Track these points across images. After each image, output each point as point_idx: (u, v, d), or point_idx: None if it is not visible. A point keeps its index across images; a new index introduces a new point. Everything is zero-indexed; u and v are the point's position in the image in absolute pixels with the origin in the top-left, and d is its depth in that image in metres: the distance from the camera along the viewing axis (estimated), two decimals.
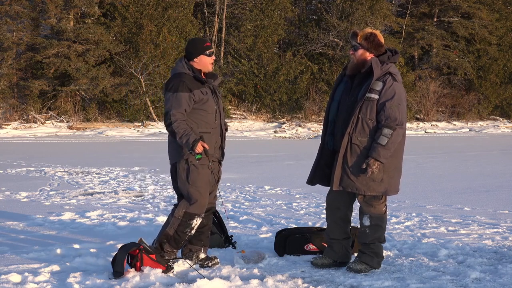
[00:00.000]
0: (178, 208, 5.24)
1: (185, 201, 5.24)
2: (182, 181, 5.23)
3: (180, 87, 5.11)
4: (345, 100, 5.24)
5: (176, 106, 5.09)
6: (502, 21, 39.08)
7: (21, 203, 8.85)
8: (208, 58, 5.30)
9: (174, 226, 5.22)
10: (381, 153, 5.02)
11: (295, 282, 4.85)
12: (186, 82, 5.14)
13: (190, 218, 5.21)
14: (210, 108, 5.24)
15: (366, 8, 34.59)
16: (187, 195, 5.23)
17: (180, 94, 5.09)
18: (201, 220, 5.29)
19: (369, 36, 5.17)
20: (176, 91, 5.11)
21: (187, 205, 5.21)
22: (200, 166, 5.18)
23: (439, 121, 36.66)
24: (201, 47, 5.29)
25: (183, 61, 5.28)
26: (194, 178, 5.17)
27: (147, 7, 31.14)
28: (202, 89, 5.21)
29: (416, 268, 5.29)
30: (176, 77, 5.20)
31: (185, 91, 5.10)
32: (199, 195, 5.20)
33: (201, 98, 5.18)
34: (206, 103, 5.21)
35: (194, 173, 5.17)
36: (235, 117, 33.44)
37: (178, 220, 5.21)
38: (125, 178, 11.84)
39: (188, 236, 5.25)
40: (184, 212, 5.20)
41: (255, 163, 15.53)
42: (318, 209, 8.28)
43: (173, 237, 5.22)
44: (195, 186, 5.18)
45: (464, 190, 10.34)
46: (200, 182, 5.19)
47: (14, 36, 30.18)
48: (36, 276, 4.93)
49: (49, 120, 30.30)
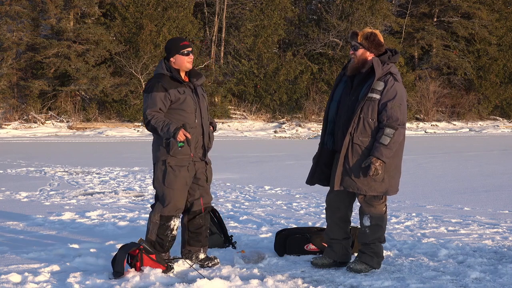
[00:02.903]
0: (154, 212, 5.25)
1: (159, 203, 5.24)
2: (158, 182, 5.23)
3: (155, 88, 5.13)
4: (345, 100, 5.24)
5: (151, 106, 5.12)
6: (502, 21, 39.09)
7: (21, 203, 8.85)
8: (184, 57, 5.23)
9: (154, 231, 5.23)
10: (383, 152, 5.02)
11: (295, 282, 4.84)
12: (162, 82, 5.15)
13: (167, 221, 5.22)
14: (188, 108, 5.21)
15: (366, 8, 34.60)
16: (161, 196, 5.23)
17: (155, 93, 5.11)
18: (179, 220, 5.30)
19: (369, 35, 5.17)
20: (151, 91, 5.14)
21: (161, 208, 5.21)
22: (177, 168, 5.17)
23: (439, 121, 36.68)
24: (176, 46, 5.24)
25: (163, 62, 5.28)
26: (170, 180, 5.17)
27: (147, 7, 31.14)
28: (179, 89, 5.18)
29: (416, 268, 5.29)
30: (154, 78, 5.24)
31: (160, 91, 5.12)
32: (174, 197, 5.19)
33: (177, 98, 5.16)
34: (184, 103, 5.19)
35: (170, 175, 5.17)
36: (235, 117, 33.44)
37: (157, 225, 5.22)
38: (125, 178, 11.84)
39: (170, 237, 5.26)
40: (159, 216, 5.22)
41: (255, 163, 15.53)
42: (318, 209, 8.27)
43: (157, 242, 5.22)
44: (170, 188, 5.17)
45: (464, 190, 10.34)
46: (176, 184, 5.18)
47: (14, 36, 30.17)
48: (36, 276, 4.92)
49: (49, 120, 30.30)
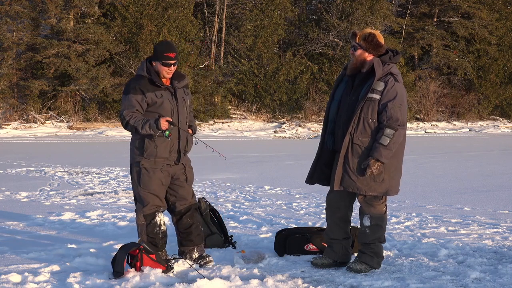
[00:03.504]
0: (137, 215, 5.34)
1: (139, 204, 5.32)
2: (134, 184, 5.32)
3: (132, 90, 5.16)
4: (346, 100, 5.24)
5: (128, 107, 5.17)
6: (502, 21, 39.08)
7: (21, 203, 8.85)
8: (164, 68, 5.20)
9: (144, 232, 5.30)
10: (382, 153, 5.03)
11: (295, 282, 4.84)
12: (140, 84, 5.16)
13: (152, 218, 5.30)
14: (165, 112, 5.20)
15: (366, 8, 34.59)
16: (139, 197, 5.31)
17: (132, 95, 5.15)
18: (162, 214, 5.36)
19: (367, 36, 5.17)
20: (128, 93, 5.18)
21: (141, 208, 5.29)
22: (152, 170, 5.23)
23: (439, 121, 36.66)
24: (161, 55, 5.18)
25: (145, 63, 5.27)
26: (145, 181, 5.23)
27: (147, 7, 31.13)
28: (157, 92, 5.19)
29: (416, 268, 5.29)
30: (132, 80, 5.27)
31: (138, 93, 5.15)
32: (150, 197, 5.26)
33: (154, 101, 5.17)
34: (161, 107, 5.19)
35: (145, 177, 5.23)
36: (235, 117, 33.43)
37: (144, 225, 5.30)
38: (125, 178, 11.83)
39: (161, 233, 5.32)
40: (143, 216, 5.29)
41: (255, 163, 15.52)
42: (318, 209, 8.27)
43: (149, 242, 5.26)
44: (146, 189, 5.24)
45: (464, 190, 10.34)
46: (152, 185, 5.24)
47: (14, 36, 30.15)
48: (36, 276, 4.93)
49: (49, 120, 30.29)
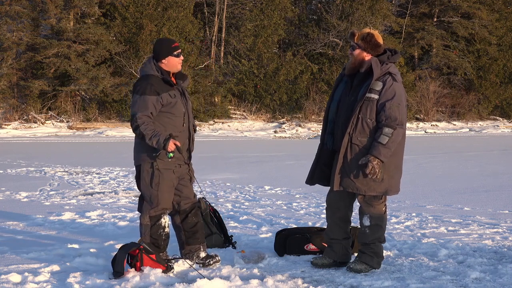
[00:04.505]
0: (142, 215, 5.25)
1: (146, 205, 5.22)
2: (145, 185, 5.18)
3: (147, 90, 5.01)
4: (345, 100, 5.25)
5: (142, 109, 5.00)
6: (502, 21, 39.08)
7: (21, 203, 8.85)
8: (177, 59, 5.17)
9: (147, 233, 5.22)
10: (381, 151, 5.02)
11: (295, 282, 4.84)
12: (154, 85, 5.04)
13: (157, 220, 5.22)
14: (178, 112, 5.15)
15: (366, 8, 34.60)
16: (149, 198, 5.20)
17: (147, 97, 5.00)
18: (167, 216, 5.28)
19: (365, 36, 5.18)
20: (143, 93, 5.01)
21: (149, 209, 5.20)
22: (164, 170, 5.13)
23: (439, 121, 36.66)
24: (169, 47, 5.15)
25: (152, 62, 5.16)
26: (158, 182, 5.13)
27: (147, 7, 31.13)
28: (171, 92, 5.11)
29: (416, 268, 5.29)
30: (144, 79, 5.10)
31: (153, 94, 5.01)
32: (162, 199, 5.17)
33: (169, 102, 5.08)
34: (175, 107, 5.12)
35: (157, 178, 5.13)
36: (235, 117, 33.43)
37: (148, 226, 5.21)
38: (125, 178, 11.83)
39: (164, 235, 5.25)
40: (149, 217, 5.21)
41: (255, 163, 15.52)
42: (318, 209, 8.27)
43: (151, 243, 5.21)
44: (158, 190, 5.14)
45: (464, 190, 10.34)
46: (164, 186, 5.15)
47: (14, 36, 30.15)
48: (36, 276, 4.93)
49: (49, 120, 30.29)
